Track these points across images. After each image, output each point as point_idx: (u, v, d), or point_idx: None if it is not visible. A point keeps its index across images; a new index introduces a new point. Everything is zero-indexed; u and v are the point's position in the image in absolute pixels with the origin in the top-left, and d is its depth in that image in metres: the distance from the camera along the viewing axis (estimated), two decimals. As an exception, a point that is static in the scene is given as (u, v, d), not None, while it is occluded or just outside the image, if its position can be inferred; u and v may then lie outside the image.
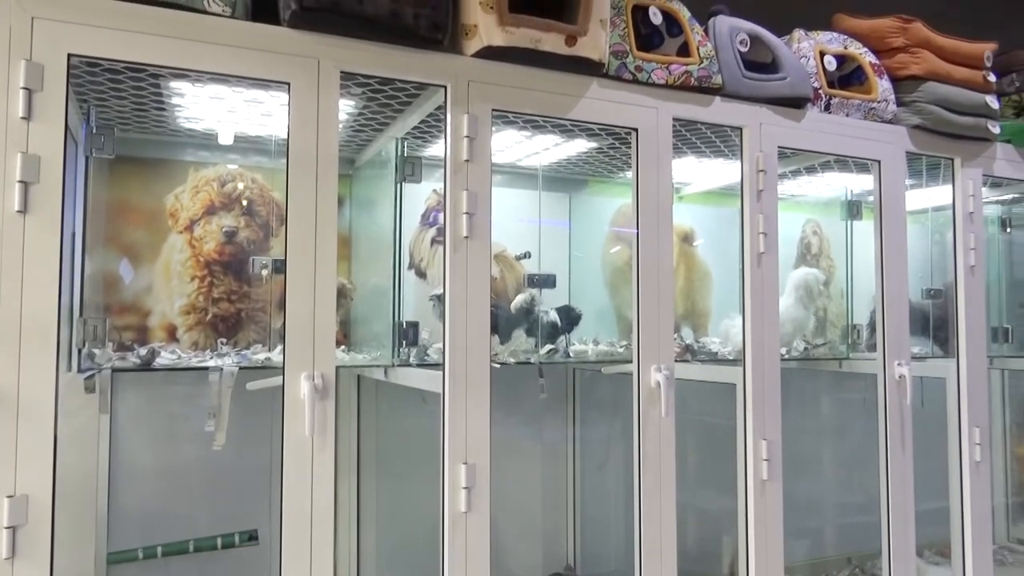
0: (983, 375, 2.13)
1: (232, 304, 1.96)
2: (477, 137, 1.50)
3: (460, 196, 1.48)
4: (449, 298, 1.47)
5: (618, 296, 2.41)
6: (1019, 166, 2.21)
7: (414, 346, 1.81)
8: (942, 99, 2.02)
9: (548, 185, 2.39)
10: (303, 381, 1.33)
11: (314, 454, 1.34)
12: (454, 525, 1.44)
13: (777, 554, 1.80)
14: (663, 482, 1.67)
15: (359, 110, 1.78)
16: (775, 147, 1.84)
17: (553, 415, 2.35)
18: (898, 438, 1.97)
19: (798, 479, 2.64)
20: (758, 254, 1.80)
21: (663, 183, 1.71)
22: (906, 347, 2.00)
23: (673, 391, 1.67)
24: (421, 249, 2.18)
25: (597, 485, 2.39)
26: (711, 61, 1.76)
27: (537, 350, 2.01)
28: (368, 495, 2.09)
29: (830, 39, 2.01)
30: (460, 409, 1.46)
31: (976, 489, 2.09)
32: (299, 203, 1.36)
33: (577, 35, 1.54)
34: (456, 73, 1.50)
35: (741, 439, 1.80)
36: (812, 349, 2.45)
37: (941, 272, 2.25)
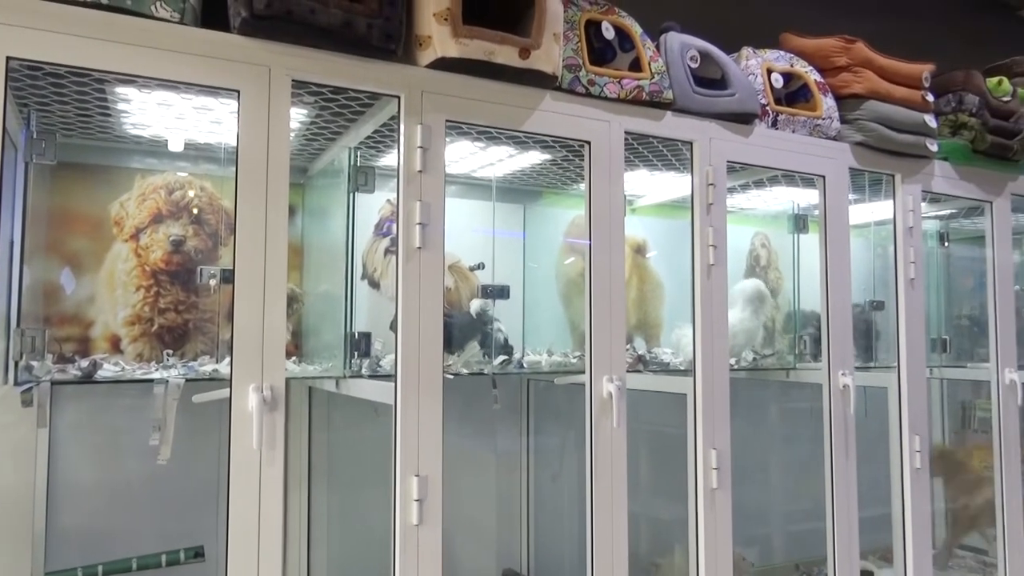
0: (922, 385, 2.20)
1: (179, 315, 1.92)
2: (430, 148, 1.50)
3: (413, 206, 1.48)
4: (402, 309, 1.46)
5: (572, 307, 2.42)
6: (955, 183, 2.30)
7: (366, 357, 1.80)
8: (883, 117, 2.09)
9: (502, 196, 2.39)
10: (251, 393, 1.31)
11: (262, 468, 1.32)
12: (406, 538, 1.43)
13: (726, 561, 1.82)
14: (615, 491, 1.68)
15: (311, 119, 1.76)
16: (724, 161, 1.88)
17: (507, 426, 2.35)
18: (842, 446, 2.02)
19: (748, 487, 2.69)
20: (708, 266, 1.84)
21: (615, 195, 1.73)
22: (850, 357, 2.06)
23: (625, 401, 1.69)
24: (374, 259, 2.16)
25: (551, 495, 2.40)
26: (662, 76, 1.79)
27: (490, 361, 2.01)
28: (319, 509, 2.06)
29: (777, 57, 2.06)
30: (412, 420, 1.45)
31: (917, 495, 2.15)
32: (248, 212, 1.34)
33: (531, 48, 1.55)
34: (409, 83, 1.50)
35: (691, 448, 1.83)
36: (760, 359, 2.50)
37: (883, 284, 2.32)
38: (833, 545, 2.02)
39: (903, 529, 2.16)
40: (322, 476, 2.06)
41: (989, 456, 2.43)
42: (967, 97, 2.26)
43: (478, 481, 2.30)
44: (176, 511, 1.90)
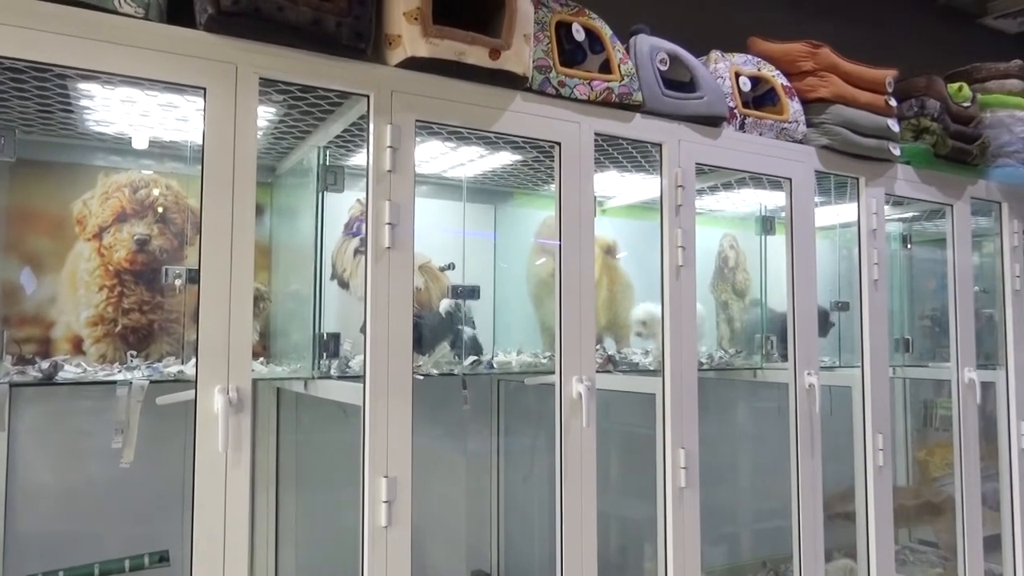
0: (886, 384, 2.24)
1: (144, 315, 1.89)
2: (400, 147, 1.49)
3: (382, 206, 1.47)
4: (370, 309, 1.45)
5: (542, 307, 2.43)
6: (917, 186, 2.35)
7: (335, 358, 1.78)
8: (848, 121, 2.12)
9: (473, 196, 2.39)
10: (217, 395, 1.29)
11: (228, 470, 1.30)
12: (374, 540, 1.42)
13: (694, 560, 1.84)
14: (584, 491, 1.68)
15: (280, 117, 1.74)
16: (693, 163, 1.90)
17: (477, 426, 2.35)
18: (807, 445, 2.05)
19: (716, 486, 2.72)
20: (677, 267, 1.85)
21: (585, 196, 1.74)
22: (815, 357, 2.09)
23: (594, 402, 1.69)
24: (344, 259, 2.15)
25: (522, 495, 2.40)
26: (632, 78, 1.80)
27: (460, 361, 2.01)
28: (287, 511, 2.04)
29: (745, 61, 2.09)
30: (381, 422, 1.44)
31: (879, 492, 2.19)
32: (214, 211, 1.32)
33: (501, 49, 1.55)
34: (379, 83, 1.49)
35: (660, 448, 1.84)
36: (731, 358, 2.53)
37: (848, 285, 2.36)
38: (799, 542, 2.04)
39: (866, 526, 2.19)
40: (290, 478, 2.04)
41: (950, 453, 2.48)
42: (929, 102, 2.31)
43: (448, 482, 2.30)
44: (140, 515, 1.87)
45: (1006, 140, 2.50)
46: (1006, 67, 2.65)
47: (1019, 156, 2.50)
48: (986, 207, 2.59)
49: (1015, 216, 2.60)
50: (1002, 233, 2.59)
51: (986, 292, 2.66)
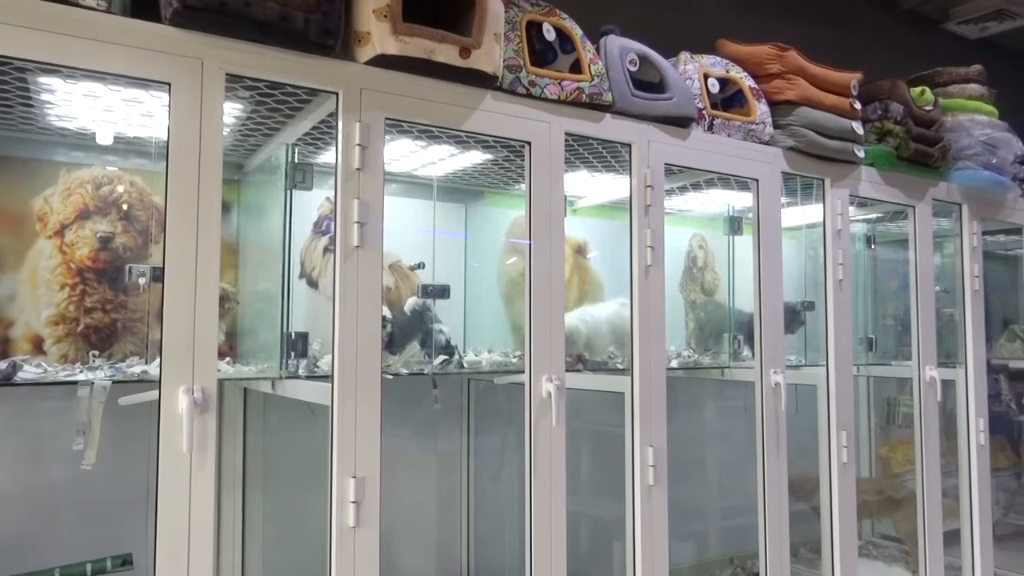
0: (850, 382, 2.28)
1: (107, 314, 1.85)
2: (369, 146, 1.48)
3: (351, 205, 1.46)
4: (339, 308, 1.44)
5: (513, 306, 2.43)
6: (881, 188, 2.39)
7: (303, 357, 1.77)
8: (814, 123, 2.15)
9: (444, 196, 2.39)
10: (181, 395, 1.27)
11: (192, 472, 1.28)
12: (342, 540, 1.41)
13: (662, 557, 1.86)
14: (553, 490, 1.69)
15: (247, 114, 1.72)
16: (662, 164, 1.91)
17: (448, 426, 2.34)
18: (774, 442, 2.08)
19: (684, 484, 2.74)
20: (646, 267, 1.86)
21: (555, 196, 1.74)
22: (781, 356, 2.12)
23: (564, 401, 1.70)
24: (313, 258, 2.13)
25: (492, 495, 2.40)
26: (602, 79, 1.81)
27: (431, 361, 2.00)
28: (254, 512, 2.02)
29: (713, 63, 2.11)
30: (350, 422, 1.43)
31: (843, 488, 2.23)
32: (180, 208, 1.30)
33: (471, 48, 1.55)
34: (348, 80, 1.48)
35: (629, 446, 1.85)
36: (700, 357, 2.55)
37: (814, 285, 2.39)
38: (765, 538, 2.07)
39: (830, 521, 2.23)
40: (257, 479, 2.02)
41: (911, 450, 2.53)
42: (892, 106, 2.35)
43: (418, 482, 2.29)
44: (102, 518, 1.83)
45: (966, 143, 2.56)
46: (967, 72, 2.72)
47: (978, 159, 2.56)
48: (947, 208, 2.65)
49: (974, 217, 2.66)
50: (962, 234, 2.65)
51: (947, 292, 2.72)
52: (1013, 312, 3.10)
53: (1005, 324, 3.23)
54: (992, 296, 3.05)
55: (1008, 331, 3.23)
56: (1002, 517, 3.28)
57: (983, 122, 2.61)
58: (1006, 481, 3.30)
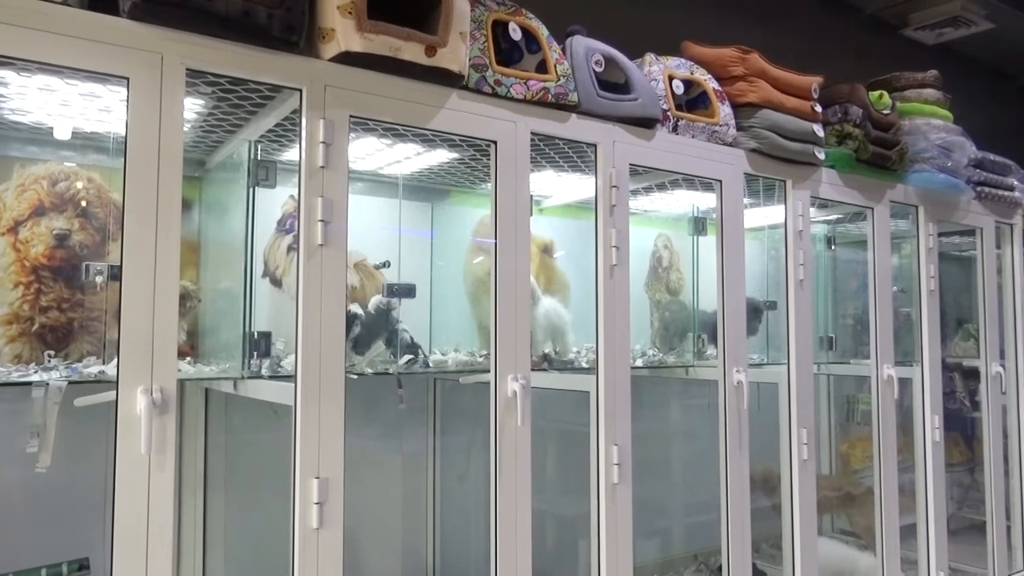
0: (810, 380, 2.32)
1: (63, 313, 1.81)
2: (334, 143, 1.47)
3: (315, 203, 1.45)
4: (302, 307, 1.43)
5: (479, 306, 2.43)
6: (841, 190, 2.44)
7: (266, 357, 1.75)
8: (776, 126, 2.19)
9: (410, 194, 2.38)
10: (140, 395, 1.25)
11: (151, 473, 1.26)
12: (305, 542, 1.40)
13: (627, 555, 1.87)
14: (519, 489, 1.69)
15: (209, 110, 1.70)
16: (627, 164, 1.93)
17: (413, 426, 2.33)
18: (736, 440, 2.11)
19: (649, 482, 2.77)
20: (611, 266, 1.88)
21: (521, 195, 1.75)
22: (743, 355, 2.15)
23: (529, 400, 1.70)
24: (277, 256, 2.11)
25: (458, 495, 2.40)
26: (568, 79, 1.82)
27: (396, 360, 1.99)
28: (216, 514, 1.99)
29: (678, 64, 2.13)
30: (313, 422, 1.42)
31: (804, 485, 2.27)
32: (138, 205, 1.28)
33: (437, 46, 1.55)
34: (312, 77, 1.46)
35: (594, 445, 1.86)
36: (664, 356, 2.58)
37: (776, 285, 2.43)
38: (727, 535, 2.10)
39: (791, 517, 2.27)
40: (219, 480, 1.99)
41: (870, 446, 2.58)
42: (852, 109, 2.40)
43: (383, 482, 2.28)
44: (58, 522, 1.79)
45: (922, 147, 2.62)
46: (923, 77, 2.78)
47: (934, 162, 2.62)
48: (904, 210, 2.71)
49: (930, 219, 2.72)
50: (918, 235, 2.71)
51: (904, 292, 2.78)
52: (967, 312, 3.18)
53: (959, 323, 3.31)
54: (947, 296, 3.13)
55: (962, 330, 3.31)
56: (956, 511, 3.37)
57: (939, 126, 2.67)
58: (960, 476, 3.39)
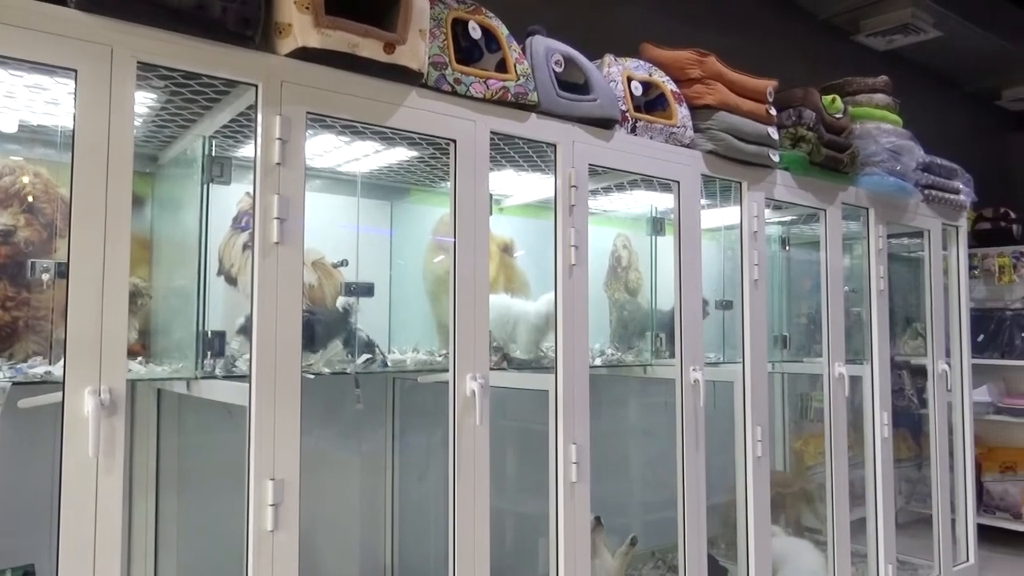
0: (764, 378, 2.36)
1: (7, 312, 1.75)
2: (290, 140, 1.45)
3: (271, 200, 1.43)
4: (257, 306, 1.40)
5: (439, 305, 2.42)
6: (794, 191, 2.49)
7: (221, 357, 1.72)
8: (732, 128, 2.22)
9: (369, 192, 2.36)
10: (87, 396, 1.22)
11: (99, 477, 1.23)
12: (260, 544, 1.38)
13: (585, 553, 1.88)
14: (477, 489, 1.69)
15: (162, 104, 1.66)
16: (586, 164, 1.94)
17: (372, 426, 2.31)
18: (692, 438, 2.14)
19: (608, 480, 2.79)
20: (570, 266, 1.89)
21: (481, 194, 1.75)
22: (700, 354, 2.18)
23: (488, 399, 1.70)
24: (232, 254, 2.07)
25: (417, 495, 2.39)
26: (528, 79, 1.82)
27: (354, 360, 1.97)
28: (168, 517, 1.94)
29: (637, 66, 2.15)
30: (268, 423, 1.40)
31: (758, 481, 2.31)
32: (87, 201, 1.24)
33: (396, 43, 1.54)
34: (268, 72, 1.44)
35: (552, 443, 1.87)
36: (623, 355, 2.60)
37: (732, 285, 2.47)
38: (684, 532, 2.13)
39: (745, 513, 2.31)
40: (172, 483, 1.95)
41: (823, 443, 2.64)
42: (805, 112, 2.45)
43: (341, 483, 2.25)
44: (2, 527, 1.73)
45: (873, 150, 2.68)
46: (874, 82, 2.85)
47: (884, 165, 2.69)
48: (855, 212, 2.77)
49: (880, 221, 2.79)
50: (869, 237, 2.78)
51: (855, 292, 2.85)
52: (915, 311, 3.27)
53: (908, 322, 3.40)
54: (896, 296, 3.21)
55: (911, 329, 3.41)
56: (904, 505, 3.47)
57: (888, 130, 2.74)
58: (908, 471, 3.49)
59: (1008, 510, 3.70)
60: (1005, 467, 3.77)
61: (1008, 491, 3.72)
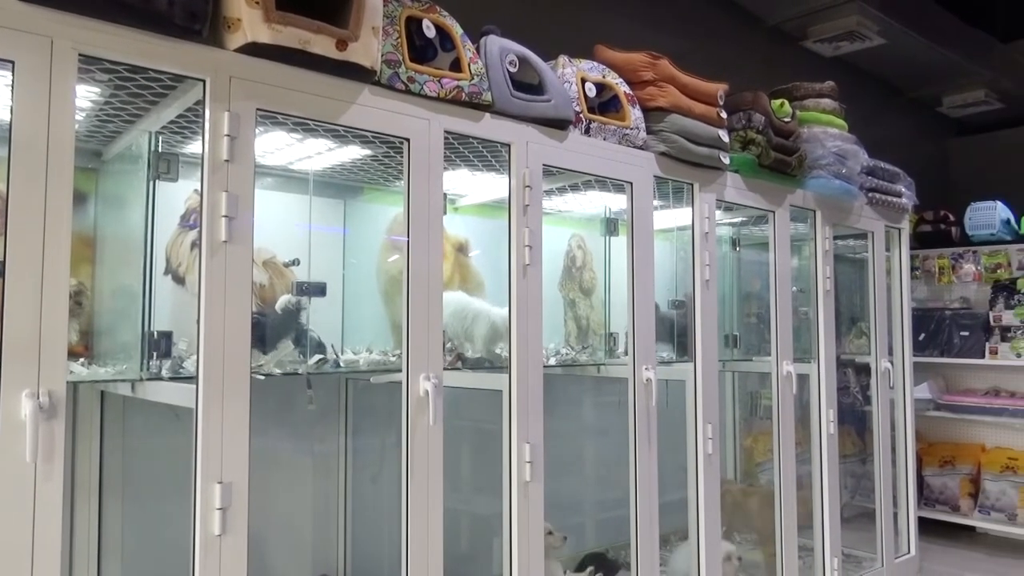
0: (715, 377, 2.40)
1: (-60, 312, 1.68)
2: (239, 136, 1.43)
3: (219, 198, 1.40)
4: (205, 306, 1.38)
5: (393, 305, 2.40)
6: (744, 193, 2.53)
7: (167, 358, 1.68)
8: (684, 130, 2.25)
9: (322, 191, 2.33)
10: (25, 399, 1.18)
11: (37, 483, 1.19)
12: (207, 548, 1.35)
13: (539, 552, 1.89)
14: (431, 489, 1.68)
15: (106, 99, 1.62)
16: (540, 164, 1.95)
17: (324, 427, 2.29)
18: (645, 436, 2.16)
19: (562, 479, 2.80)
20: (524, 266, 1.89)
21: (435, 193, 1.74)
22: (652, 353, 2.21)
23: (441, 399, 1.70)
24: (179, 253, 2.02)
25: (370, 497, 2.37)
26: (482, 78, 1.82)
27: (305, 360, 1.95)
28: (112, 523, 1.89)
29: (591, 68, 2.16)
30: (216, 425, 1.37)
31: (708, 478, 2.35)
32: (25, 197, 1.20)
33: (348, 40, 1.52)
34: (216, 67, 1.41)
35: (506, 443, 1.87)
36: (577, 354, 2.62)
37: (685, 285, 2.51)
38: (636, 529, 2.15)
39: (696, 509, 2.34)
40: (116, 487, 1.90)
41: (772, 440, 2.70)
42: (755, 116, 2.50)
43: (293, 485, 2.22)
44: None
45: (820, 154, 2.75)
46: (821, 87, 2.92)
47: (830, 169, 2.76)
48: (803, 214, 2.84)
49: (826, 223, 2.86)
50: (816, 238, 2.85)
51: (803, 292, 2.92)
52: (860, 311, 3.36)
53: (853, 322, 3.50)
54: (842, 296, 3.30)
55: (856, 328, 3.50)
56: (849, 500, 3.56)
57: (835, 135, 2.81)
58: (853, 467, 3.58)
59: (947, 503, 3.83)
60: (944, 462, 3.90)
61: (947, 485, 3.85)
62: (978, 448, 3.89)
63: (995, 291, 3.75)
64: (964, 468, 3.84)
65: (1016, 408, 3.67)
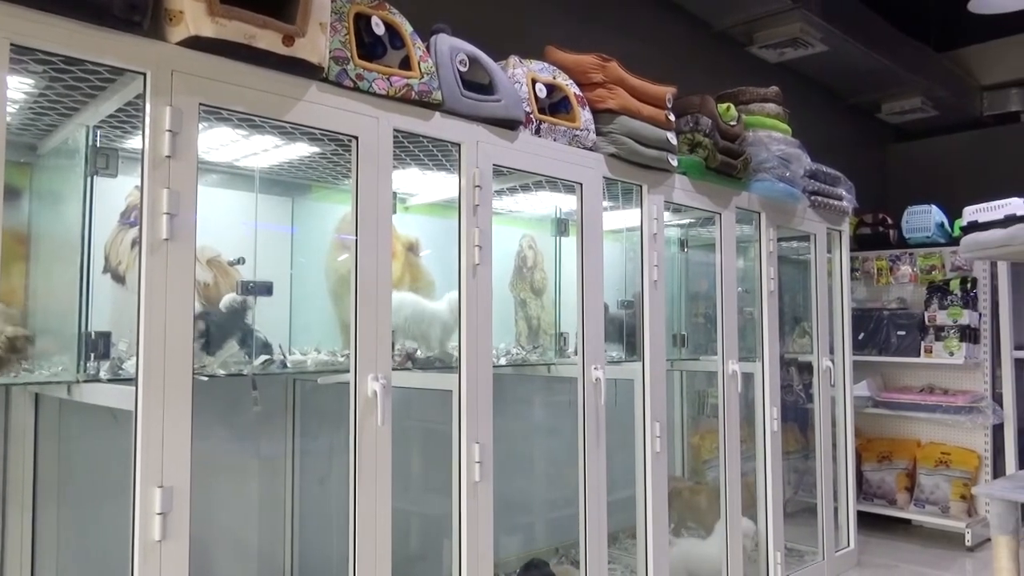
0: (663, 376, 2.44)
1: None
2: (181, 132, 1.39)
3: (160, 194, 1.37)
4: (145, 306, 1.34)
5: (342, 304, 2.38)
6: (692, 195, 2.58)
7: (105, 359, 1.63)
8: (633, 132, 2.28)
9: (269, 188, 2.29)
10: (-49, 403, 1.13)
11: (-36, 488, 1.14)
12: (146, 555, 1.31)
13: (488, 551, 1.89)
14: (379, 490, 1.67)
15: (40, 91, 1.56)
16: (490, 164, 1.95)
17: (271, 429, 2.25)
18: (594, 435, 2.18)
19: (512, 478, 2.81)
20: (474, 265, 1.89)
21: (383, 192, 1.72)
22: (601, 353, 2.23)
23: (390, 400, 1.69)
24: (119, 251, 1.97)
25: (318, 499, 2.33)
26: (432, 77, 1.82)
27: (251, 361, 1.91)
28: (47, 530, 1.83)
29: (542, 68, 2.17)
30: (156, 428, 1.34)
31: (656, 476, 2.38)
32: (-49, 193, 1.16)
33: (295, 35, 1.50)
34: (158, 61, 1.38)
35: (456, 443, 1.87)
36: (528, 354, 2.62)
37: (634, 286, 2.53)
38: (585, 527, 2.17)
39: (644, 506, 2.37)
40: (51, 493, 1.83)
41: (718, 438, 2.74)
42: (702, 119, 2.54)
43: (238, 488, 2.18)
44: None
45: (764, 157, 2.81)
46: (765, 92, 2.99)
47: (775, 172, 2.83)
48: (748, 216, 2.90)
49: (771, 225, 2.93)
50: (760, 240, 2.92)
51: (748, 292, 2.98)
52: (803, 311, 3.45)
53: (796, 321, 3.59)
54: (786, 296, 3.38)
55: (799, 328, 3.59)
56: (792, 495, 3.65)
57: (779, 139, 2.88)
58: (796, 463, 3.67)
59: (884, 497, 3.96)
60: (882, 457, 4.03)
61: (885, 479, 3.97)
62: (914, 443, 4.02)
63: (930, 292, 3.89)
64: (900, 463, 3.97)
65: (949, 405, 3.81)
